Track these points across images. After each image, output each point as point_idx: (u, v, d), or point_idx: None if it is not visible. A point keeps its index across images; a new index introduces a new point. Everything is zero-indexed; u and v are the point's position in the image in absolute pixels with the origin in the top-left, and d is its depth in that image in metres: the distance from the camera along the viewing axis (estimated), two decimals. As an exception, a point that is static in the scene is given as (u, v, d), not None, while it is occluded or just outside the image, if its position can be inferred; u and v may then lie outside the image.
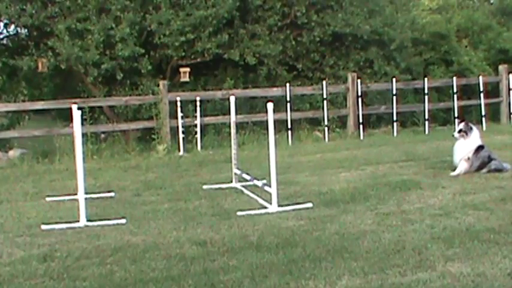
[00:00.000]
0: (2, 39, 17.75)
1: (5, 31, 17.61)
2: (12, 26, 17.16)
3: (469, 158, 9.85)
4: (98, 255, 6.26)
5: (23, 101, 15.67)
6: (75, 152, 8.10)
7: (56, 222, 7.61)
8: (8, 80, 16.91)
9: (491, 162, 9.87)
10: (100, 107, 15.92)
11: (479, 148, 9.94)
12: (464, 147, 9.93)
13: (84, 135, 11.09)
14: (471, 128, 10.03)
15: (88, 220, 7.57)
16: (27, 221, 7.92)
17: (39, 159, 13.39)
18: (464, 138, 9.94)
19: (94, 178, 10.80)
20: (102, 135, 15.66)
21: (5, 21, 16.77)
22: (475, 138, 9.98)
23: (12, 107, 15.15)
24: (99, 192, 9.40)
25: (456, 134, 10.03)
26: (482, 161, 9.88)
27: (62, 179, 11.09)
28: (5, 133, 15.20)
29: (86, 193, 7.91)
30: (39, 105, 15.14)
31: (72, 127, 10.70)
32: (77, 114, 7.85)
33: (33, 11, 15.36)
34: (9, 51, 16.75)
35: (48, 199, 9.23)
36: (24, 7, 15.44)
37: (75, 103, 10.45)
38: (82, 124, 8.28)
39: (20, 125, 16.16)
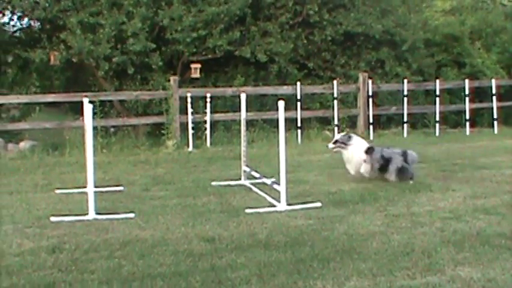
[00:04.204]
0: (15, 31, 17.80)
1: (18, 23, 17.67)
2: (26, 19, 17.23)
3: (365, 161, 9.51)
4: (106, 248, 6.26)
5: (35, 93, 15.71)
6: (85, 145, 8.09)
7: (65, 215, 7.62)
8: (20, 72, 16.95)
9: (392, 164, 9.43)
10: (110, 101, 15.91)
11: (370, 150, 9.58)
12: (353, 156, 9.58)
13: (94, 128, 11.09)
14: (349, 137, 9.63)
15: (97, 213, 7.58)
16: (36, 212, 7.94)
17: (49, 151, 13.42)
18: (343, 148, 9.55)
19: (103, 172, 10.80)
20: (112, 129, 15.67)
21: (19, 13, 16.83)
22: (359, 144, 9.61)
23: (23, 99, 15.20)
24: (108, 186, 9.39)
25: (331, 145, 9.60)
26: (380, 164, 9.48)
27: (71, 172, 11.11)
28: (16, 125, 15.27)
29: (95, 186, 7.91)
30: (51, 97, 15.17)
31: (82, 120, 10.71)
32: (88, 108, 7.84)
33: (47, 4, 15.43)
34: (22, 43, 16.78)
35: (57, 191, 9.24)
36: (38, 0, 15.49)
37: (86, 96, 10.49)
38: (92, 118, 8.27)
39: (31, 117, 16.22)
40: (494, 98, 17.10)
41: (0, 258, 6.01)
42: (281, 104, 8.11)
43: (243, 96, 10.28)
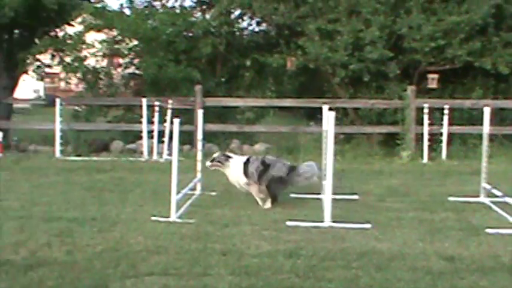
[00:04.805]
0: (253, 35, 18.49)
1: (256, 28, 18.36)
2: (263, 24, 17.84)
3: (249, 184, 8.80)
4: (342, 258, 6.19)
5: (270, 97, 16.16)
6: (321, 151, 8.09)
7: (301, 220, 7.68)
8: (257, 76, 17.56)
9: (269, 173, 8.71)
10: (344, 108, 15.97)
11: (247, 161, 8.89)
12: (234, 175, 8.95)
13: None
14: (227, 157, 9.05)
15: (333, 221, 7.54)
16: (273, 215, 8.09)
17: (283, 155, 13.70)
18: (221, 167, 9.02)
19: (337, 179, 10.79)
20: (341, 136, 15.69)
21: (258, 19, 17.45)
22: (236, 162, 8.91)
23: (261, 102, 15.74)
24: (342, 194, 9.33)
25: (208, 163, 9.13)
26: (259, 174, 8.73)
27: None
28: (252, 127, 15.79)
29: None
30: (287, 102, 15.58)
31: (315, 125, 10.77)
32: (330, 115, 7.83)
33: (286, 11, 15.79)
34: (259, 48, 17.37)
35: (291, 195, 9.35)
36: (277, 6, 15.91)
37: (325, 103, 10.57)
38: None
39: (264, 120, 16.71)
40: None
41: (239, 258, 6.15)
42: (532, 119, 7.61)
43: (487, 110, 9.81)
